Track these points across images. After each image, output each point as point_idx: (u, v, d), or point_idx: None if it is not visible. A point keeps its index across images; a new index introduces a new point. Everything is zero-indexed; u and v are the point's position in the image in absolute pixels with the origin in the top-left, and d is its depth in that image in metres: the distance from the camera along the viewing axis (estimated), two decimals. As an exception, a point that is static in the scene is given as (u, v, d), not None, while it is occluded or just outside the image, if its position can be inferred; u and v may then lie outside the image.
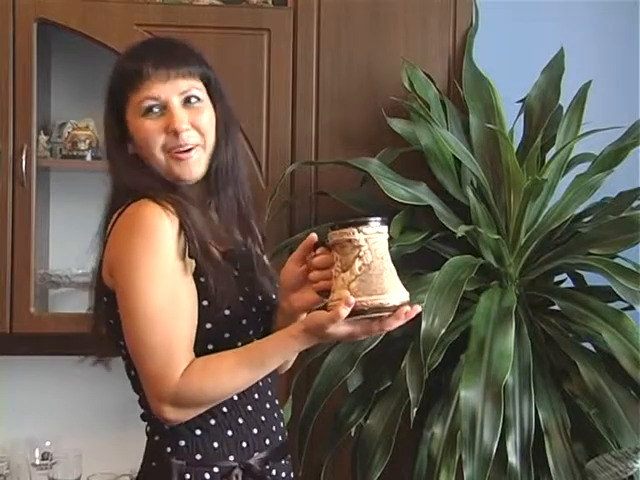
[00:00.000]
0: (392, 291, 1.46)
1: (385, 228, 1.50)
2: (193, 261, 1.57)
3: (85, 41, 2.50)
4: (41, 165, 2.54)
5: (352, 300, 1.43)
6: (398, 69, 2.50)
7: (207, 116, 1.64)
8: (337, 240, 1.48)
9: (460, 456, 1.98)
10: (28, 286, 2.47)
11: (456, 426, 2.06)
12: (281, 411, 1.72)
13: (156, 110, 1.60)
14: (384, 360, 2.24)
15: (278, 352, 1.54)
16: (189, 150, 1.61)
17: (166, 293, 1.53)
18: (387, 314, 1.46)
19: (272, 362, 1.55)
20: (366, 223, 1.47)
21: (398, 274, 1.50)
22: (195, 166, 1.63)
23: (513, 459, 2.06)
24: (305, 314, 1.60)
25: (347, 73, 2.57)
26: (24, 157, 2.45)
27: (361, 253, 1.46)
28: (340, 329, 1.46)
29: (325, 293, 1.52)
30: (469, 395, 1.98)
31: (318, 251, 1.54)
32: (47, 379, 2.73)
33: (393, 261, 1.50)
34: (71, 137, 2.60)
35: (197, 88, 1.64)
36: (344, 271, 1.47)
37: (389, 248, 1.50)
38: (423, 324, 2.01)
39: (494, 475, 2.01)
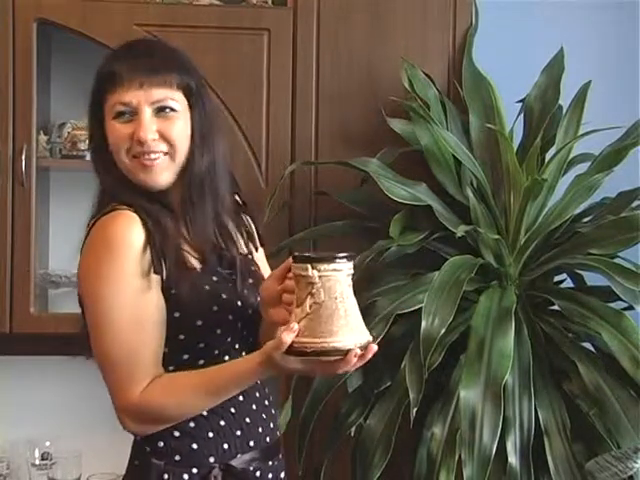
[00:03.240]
0: (342, 334, 1.41)
1: (347, 265, 1.44)
2: (158, 277, 1.57)
3: (85, 41, 2.50)
4: (41, 165, 2.54)
5: (295, 327, 1.41)
6: (398, 69, 2.50)
7: (179, 126, 1.61)
8: (294, 272, 1.45)
9: (460, 456, 1.98)
10: (28, 286, 2.47)
11: (456, 426, 2.06)
12: (272, 411, 1.71)
13: (126, 115, 1.60)
14: (384, 360, 2.23)
15: (237, 381, 1.55)
16: (154, 158, 1.59)
17: (129, 308, 1.54)
18: (334, 358, 1.42)
19: (233, 389, 1.57)
20: (324, 259, 1.42)
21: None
22: (160, 174, 1.61)
23: (513, 459, 2.06)
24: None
25: (347, 73, 2.57)
26: (24, 157, 2.45)
27: (313, 290, 1.41)
28: (290, 363, 1.45)
29: None
30: (469, 395, 1.98)
31: (289, 275, 1.52)
32: (47, 379, 2.74)
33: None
34: (71, 137, 2.60)
35: (172, 98, 1.61)
36: (297, 306, 1.43)
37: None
38: (423, 324, 2.01)
39: (494, 475, 2.01)
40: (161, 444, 1.60)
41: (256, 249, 1.78)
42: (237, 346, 1.66)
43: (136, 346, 1.54)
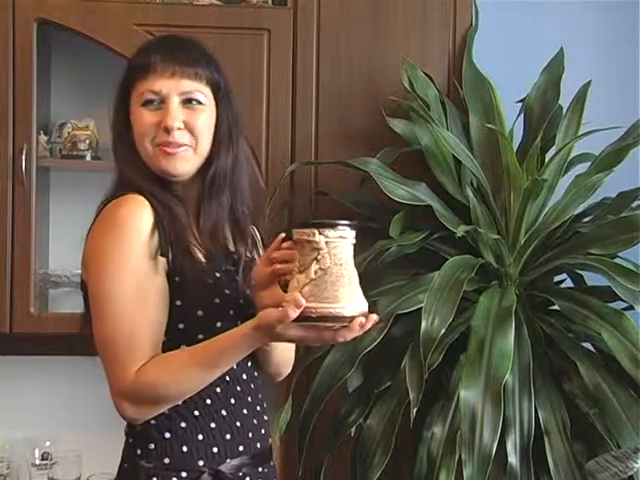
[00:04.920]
0: (346, 301, 1.41)
1: (351, 234, 1.45)
2: (165, 260, 1.58)
3: (85, 41, 2.50)
4: (41, 165, 2.54)
5: (303, 302, 1.40)
6: (398, 69, 2.50)
7: (204, 119, 1.64)
8: (298, 239, 1.45)
9: (460, 456, 1.98)
10: (28, 286, 2.47)
11: (456, 426, 2.06)
12: (264, 418, 1.70)
13: (155, 103, 1.62)
14: (384, 360, 2.24)
15: (230, 351, 1.53)
16: (178, 145, 1.62)
17: (132, 292, 1.54)
18: (338, 325, 1.42)
19: (225, 361, 1.55)
20: (330, 226, 1.42)
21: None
22: (181, 162, 1.63)
23: (513, 459, 2.06)
24: None
25: (347, 73, 2.57)
26: (24, 157, 2.45)
27: (319, 256, 1.41)
28: (290, 331, 1.44)
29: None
30: (469, 395, 1.98)
31: (284, 245, 1.52)
32: (47, 379, 2.74)
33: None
34: (71, 137, 2.61)
35: (201, 92, 1.64)
36: (300, 272, 1.43)
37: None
38: (423, 324, 2.01)
39: (494, 475, 2.01)
40: (152, 446, 1.59)
41: (259, 256, 1.78)
42: None
43: (136, 327, 1.54)
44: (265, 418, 1.71)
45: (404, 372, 2.08)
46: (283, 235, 1.54)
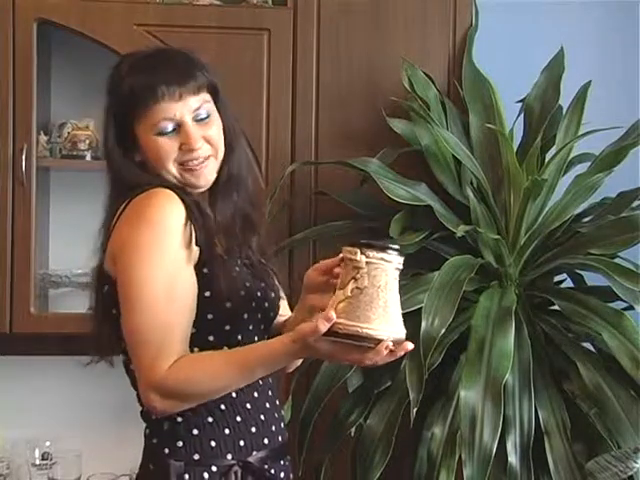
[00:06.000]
0: (377, 323, 1.40)
1: (397, 259, 1.44)
2: (198, 251, 1.59)
3: (85, 41, 2.50)
4: (41, 165, 2.54)
5: (333, 317, 1.40)
6: (398, 69, 2.50)
7: (216, 128, 1.67)
8: (343, 256, 1.46)
9: (460, 456, 1.98)
10: (28, 286, 2.47)
11: (456, 426, 2.06)
12: (282, 412, 1.72)
13: (170, 129, 1.62)
14: (384, 360, 2.24)
15: (269, 360, 1.53)
16: (202, 162, 1.64)
17: (165, 283, 1.54)
18: (365, 345, 1.41)
19: (262, 369, 1.55)
20: (374, 247, 1.42)
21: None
22: (209, 174, 1.66)
23: (513, 459, 2.06)
24: None
25: (347, 73, 2.57)
26: (24, 157, 2.45)
27: (358, 275, 1.42)
28: (321, 346, 1.44)
29: None
30: (469, 395, 1.98)
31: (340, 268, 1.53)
32: (47, 379, 2.73)
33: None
34: (71, 137, 2.61)
35: (207, 101, 1.66)
36: (340, 289, 1.44)
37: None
38: (423, 324, 2.01)
39: (494, 475, 2.01)
40: (180, 444, 1.60)
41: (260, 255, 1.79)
42: (256, 338, 1.67)
43: (168, 320, 1.53)
44: (282, 412, 1.73)
45: (404, 372, 2.08)
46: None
